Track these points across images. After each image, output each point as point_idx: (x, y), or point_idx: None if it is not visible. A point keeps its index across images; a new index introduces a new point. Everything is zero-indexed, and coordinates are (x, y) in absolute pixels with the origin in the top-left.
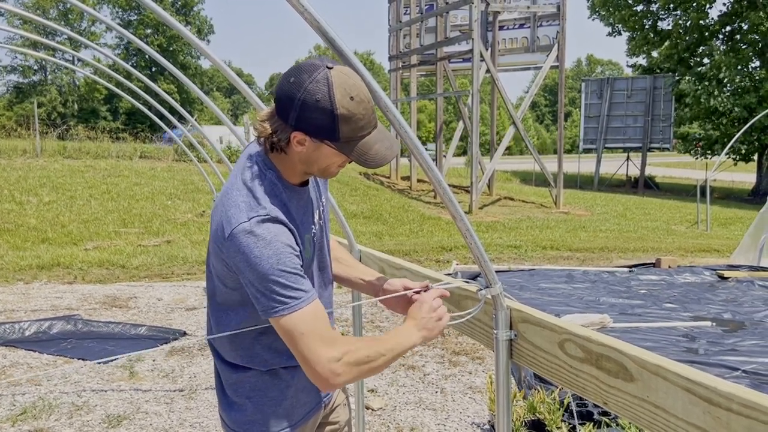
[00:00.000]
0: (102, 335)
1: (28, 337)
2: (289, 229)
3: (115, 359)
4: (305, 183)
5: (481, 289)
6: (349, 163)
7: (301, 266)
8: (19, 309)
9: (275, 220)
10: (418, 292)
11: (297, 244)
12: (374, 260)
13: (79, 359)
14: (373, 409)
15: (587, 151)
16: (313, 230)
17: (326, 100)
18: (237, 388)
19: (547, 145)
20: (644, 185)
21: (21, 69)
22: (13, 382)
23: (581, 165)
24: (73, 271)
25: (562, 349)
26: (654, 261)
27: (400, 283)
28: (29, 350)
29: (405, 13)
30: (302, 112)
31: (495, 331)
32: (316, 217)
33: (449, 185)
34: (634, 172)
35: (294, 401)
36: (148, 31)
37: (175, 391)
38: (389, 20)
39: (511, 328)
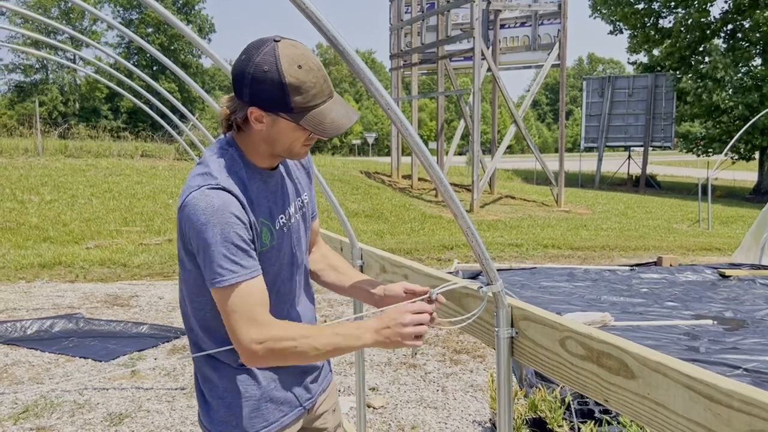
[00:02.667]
0: (104, 334)
1: (30, 335)
2: (241, 203)
3: (117, 357)
4: (275, 168)
5: (482, 287)
6: (313, 139)
7: (251, 241)
8: (21, 307)
9: (225, 190)
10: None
11: (248, 218)
12: (375, 258)
13: (80, 358)
14: (374, 408)
15: (588, 149)
16: (282, 220)
17: (274, 70)
18: (211, 387)
19: (549, 143)
20: (645, 184)
21: (22, 68)
22: (15, 381)
23: (583, 163)
24: (74, 270)
25: (563, 347)
26: (655, 259)
27: (400, 286)
28: (31, 349)
29: (406, 12)
30: (253, 86)
31: (496, 329)
32: (292, 209)
33: (450, 184)
34: (636, 170)
35: (269, 403)
36: (149, 29)
37: (176, 389)
38: (390, 19)
39: (512, 326)
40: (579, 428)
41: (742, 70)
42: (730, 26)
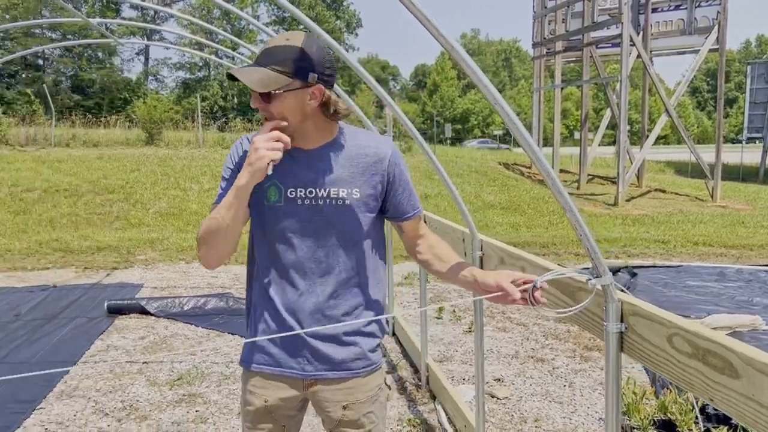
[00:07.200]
0: None
1: (186, 311)
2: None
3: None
4: (320, 147)
5: (590, 279)
6: (258, 105)
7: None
8: (180, 285)
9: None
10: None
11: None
12: (495, 250)
13: (229, 333)
14: (498, 398)
15: (752, 140)
16: (302, 193)
17: None
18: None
19: (709, 133)
20: None
21: (188, 66)
22: (173, 351)
23: (745, 155)
24: None
25: (670, 343)
26: None
27: (506, 276)
28: (187, 323)
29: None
30: None
31: (605, 323)
32: (323, 191)
33: (594, 176)
34: None
35: (256, 343)
36: (300, 27)
37: None
38: (534, 6)
39: (621, 321)
40: None
41: None
42: None
